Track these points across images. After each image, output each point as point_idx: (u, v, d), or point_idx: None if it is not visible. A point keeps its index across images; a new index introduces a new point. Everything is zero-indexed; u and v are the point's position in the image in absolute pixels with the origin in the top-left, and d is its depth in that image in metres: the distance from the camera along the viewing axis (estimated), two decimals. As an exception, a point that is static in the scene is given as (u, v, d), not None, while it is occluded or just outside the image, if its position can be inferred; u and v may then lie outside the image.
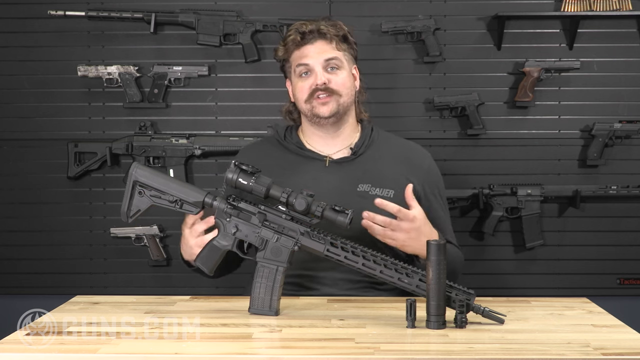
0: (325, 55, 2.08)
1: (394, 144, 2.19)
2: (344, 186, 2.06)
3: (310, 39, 2.10)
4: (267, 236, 1.76)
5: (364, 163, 2.11)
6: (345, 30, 2.14)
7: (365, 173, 2.09)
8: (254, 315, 1.74)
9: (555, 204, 3.06)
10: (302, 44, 2.10)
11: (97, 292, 3.02)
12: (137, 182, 1.78)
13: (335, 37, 2.11)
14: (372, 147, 2.15)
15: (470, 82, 3.03)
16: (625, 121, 3.00)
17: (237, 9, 3.03)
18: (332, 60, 2.09)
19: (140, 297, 1.94)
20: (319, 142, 2.15)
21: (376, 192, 2.05)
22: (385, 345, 1.51)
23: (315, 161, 2.12)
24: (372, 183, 2.07)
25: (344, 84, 2.09)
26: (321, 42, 2.10)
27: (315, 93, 2.07)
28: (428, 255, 1.62)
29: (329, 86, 2.07)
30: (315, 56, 2.08)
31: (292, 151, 2.15)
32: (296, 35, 2.10)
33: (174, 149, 3.02)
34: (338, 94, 2.08)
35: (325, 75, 2.07)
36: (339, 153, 2.13)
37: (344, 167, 2.10)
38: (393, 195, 2.06)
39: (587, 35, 3.03)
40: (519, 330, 1.63)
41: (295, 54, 2.12)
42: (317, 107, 2.08)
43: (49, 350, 1.47)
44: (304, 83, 2.09)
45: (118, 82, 3.01)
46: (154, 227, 3.02)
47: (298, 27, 2.11)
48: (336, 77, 2.09)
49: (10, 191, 3.08)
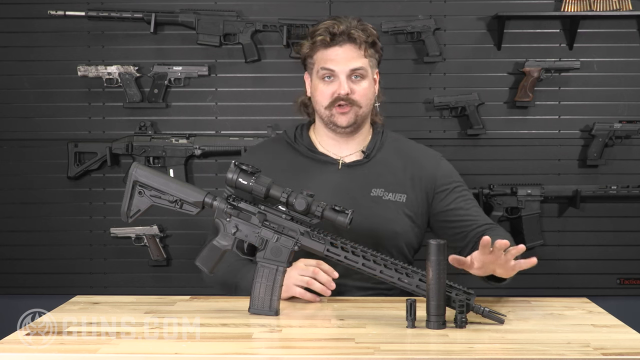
0: (352, 65, 2.02)
1: (403, 146, 2.15)
2: (357, 190, 2.03)
3: (339, 41, 2.02)
4: (267, 236, 1.76)
5: (376, 166, 2.08)
6: (375, 36, 2.07)
7: (378, 177, 2.06)
8: (254, 315, 1.74)
9: (555, 204, 3.06)
10: (330, 45, 2.03)
11: (97, 292, 3.03)
12: (137, 182, 1.78)
13: (364, 42, 2.03)
14: (383, 150, 2.11)
15: (470, 82, 3.03)
16: (625, 121, 3.00)
17: (237, 9, 3.03)
18: (358, 70, 2.03)
19: (140, 297, 1.94)
20: (331, 144, 2.10)
21: (389, 197, 2.03)
22: (385, 345, 1.51)
23: (328, 164, 2.08)
24: (385, 188, 2.04)
25: (365, 95, 2.04)
26: (350, 47, 2.03)
27: (336, 102, 2.02)
28: (428, 255, 1.62)
29: (351, 97, 2.02)
30: (342, 62, 2.02)
31: (303, 153, 2.10)
32: (326, 36, 2.02)
33: (174, 149, 3.02)
34: (358, 105, 2.04)
35: (349, 85, 2.02)
36: (351, 156, 2.10)
37: (356, 170, 2.07)
38: (405, 199, 2.04)
39: (587, 35, 3.03)
40: (519, 330, 1.63)
41: (321, 54, 2.05)
42: (336, 115, 2.03)
43: (49, 350, 1.47)
44: (326, 88, 2.03)
45: (118, 82, 3.01)
46: (154, 227, 3.02)
47: (329, 27, 2.02)
48: (359, 87, 2.03)
49: (10, 191, 3.08)
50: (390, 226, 2.00)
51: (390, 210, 2.02)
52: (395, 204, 2.03)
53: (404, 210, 2.04)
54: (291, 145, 2.12)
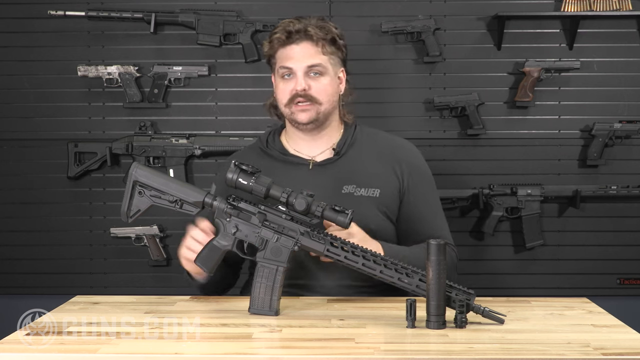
0: (309, 61, 2.02)
1: (379, 140, 2.14)
2: (328, 189, 2.02)
3: (296, 39, 2.03)
4: (267, 236, 1.76)
5: (347, 163, 2.08)
6: (335, 33, 2.06)
7: (350, 174, 2.06)
8: (254, 315, 1.74)
9: (555, 204, 3.05)
10: (287, 43, 2.04)
11: (97, 292, 3.03)
12: (137, 182, 1.78)
13: (322, 40, 2.04)
14: (355, 146, 2.10)
15: (470, 82, 3.03)
16: (625, 121, 3.00)
17: (237, 9, 3.03)
18: (315, 67, 2.03)
19: (140, 297, 1.94)
20: (302, 144, 2.11)
21: (362, 193, 2.03)
22: (385, 345, 1.51)
23: (299, 165, 2.08)
24: (357, 184, 2.04)
25: (325, 91, 2.04)
26: (307, 44, 2.03)
27: (295, 98, 2.03)
28: (428, 255, 1.62)
29: (309, 92, 2.02)
30: (299, 59, 2.02)
31: (276, 157, 2.11)
32: (282, 34, 2.04)
33: (174, 149, 3.02)
34: (318, 102, 2.03)
35: (306, 81, 2.02)
36: (322, 155, 2.09)
37: (328, 169, 2.07)
38: (379, 194, 2.04)
39: (587, 35, 3.03)
40: (519, 330, 1.63)
41: (280, 53, 2.06)
42: (296, 113, 2.04)
43: (49, 350, 1.47)
44: (285, 86, 2.04)
45: (118, 82, 3.01)
46: (154, 227, 3.02)
47: (285, 25, 2.05)
48: (317, 83, 2.03)
49: (10, 191, 3.08)
50: (364, 222, 1.95)
51: (363, 207, 2.00)
52: (369, 200, 2.03)
53: (378, 206, 2.03)
54: (264, 151, 2.13)
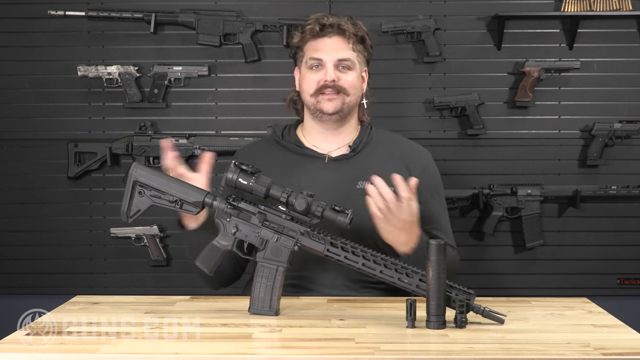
0: (340, 55, 2.07)
1: (393, 142, 2.18)
2: (342, 183, 2.05)
3: (328, 32, 2.08)
4: (267, 236, 1.76)
5: (362, 160, 2.10)
6: (364, 32, 2.13)
7: (364, 170, 2.07)
8: (254, 315, 1.74)
9: (555, 204, 3.06)
10: (319, 35, 2.08)
11: (97, 292, 3.03)
12: (137, 182, 1.78)
13: (353, 36, 2.09)
14: (370, 145, 2.14)
15: (470, 82, 3.03)
16: (625, 121, 3.00)
17: (237, 9, 3.03)
18: (345, 61, 2.08)
19: (140, 297, 1.94)
20: (319, 138, 2.14)
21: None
22: (385, 345, 1.51)
23: (314, 159, 2.11)
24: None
25: (353, 84, 2.09)
26: (338, 39, 2.08)
27: (322, 89, 2.07)
28: (428, 255, 1.62)
29: (338, 83, 2.06)
30: (330, 52, 2.07)
31: (291, 150, 2.13)
32: (315, 25, 2.08)
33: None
34: (345, 93, 2.07)
35: (336, 74, 2.06)
36: (338, 151, 2.12)
37: (342, 164, 2.10)
38: (392, 192, 2.04)
39: (587, 35, 3.03)
40: (519, 330, 1.63)
41: (310, 45, 2.10)
42: (323, 102, 2.07)
43: (49, 350, 1.47)
44: (313, 76, 2.08)
45: (118, 82, 3.01)
46: (154, 227, 3.02)
47: (319, 18, 2.09)
48: (346, 76, 2.08)
49: (10, 191, 3.08)
50: None
51: None
52: None
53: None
54: (279, 143, 2.16)
